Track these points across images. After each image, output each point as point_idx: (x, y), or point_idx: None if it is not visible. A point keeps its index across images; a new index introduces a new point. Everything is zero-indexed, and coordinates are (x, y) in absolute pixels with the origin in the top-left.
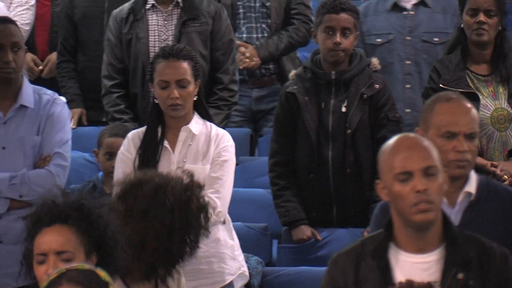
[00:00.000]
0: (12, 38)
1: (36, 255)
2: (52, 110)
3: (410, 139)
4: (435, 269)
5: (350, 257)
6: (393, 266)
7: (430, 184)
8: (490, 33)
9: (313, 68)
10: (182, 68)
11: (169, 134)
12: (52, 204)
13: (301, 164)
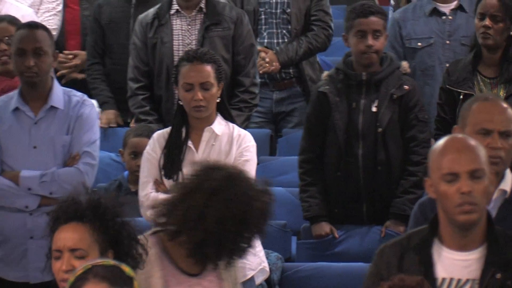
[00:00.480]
0: (35, 43)
1: (53, 251)
2: (81, 111)
3: (460, 141)
4: (475, 267)
5: (395, 249)
6: (435, 261)
7: (475, 186)
8: (496, 37)
9: (345, 69)
10: (206, 71)
11: (193, 134)
12: (70, 202)
13: (329, 162)
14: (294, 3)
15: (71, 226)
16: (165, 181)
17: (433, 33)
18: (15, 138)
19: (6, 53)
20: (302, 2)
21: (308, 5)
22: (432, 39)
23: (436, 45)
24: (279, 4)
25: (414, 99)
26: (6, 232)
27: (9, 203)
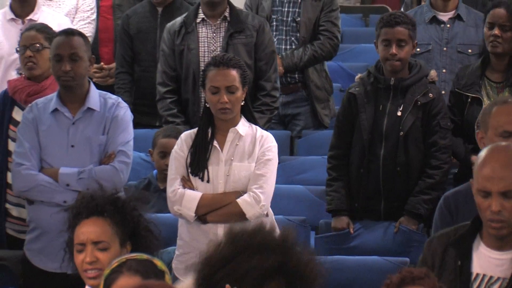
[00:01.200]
0: (70, 49)
1: (76, 244)
2: (117, 112)
3: (498, 157)
4: (507, 266)
5: (441, 241)
6: (473, 257)
7: (506, 205)
8: (504, 45)
9: (375, 73)
10: (231, 75)
11: (218, 135)
12: (90, 198)
13: (354, 160)
14: (305, 12)
15: (92, 220)
16: (191, 178)
17: (432, 40)
18: (54, 137)
19: (32, 59)
20: (312, 12)
21: (318, 15)
22: (430, 45)
23: (434, 51)
24: (291, 12)
25: (438, 107)
26: (45, 225)
27: (48, 198)
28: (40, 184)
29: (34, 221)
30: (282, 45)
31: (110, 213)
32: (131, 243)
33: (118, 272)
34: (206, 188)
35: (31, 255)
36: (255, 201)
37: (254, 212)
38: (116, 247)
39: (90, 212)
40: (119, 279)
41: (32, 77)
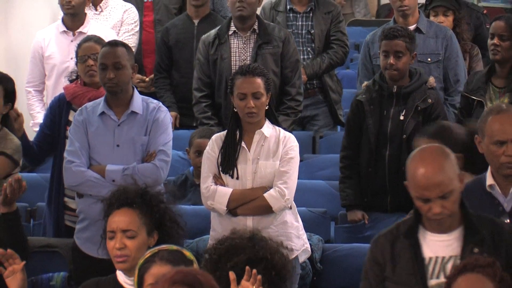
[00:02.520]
0: (114, 59)
1: (108, 232)
2: (157, 116)
3: (430, 164)
4: (456, 245)
5: (387, 237)
6: (421, 244)
7: (445, 204)
8: (503, 53)
9: (380, 82)
10: (257, 83)
11: (246, 136)
12: (122, 191)
13: (363, 159)
14: (317, 25)
15: (123, 211)
16: (222, 176)
17: None
18: (101, 138)
19: (93, 68)
20: (323, 24)
21: (328, 27)
22: None
23: None
24: (304, 26)
25: (437, 111)
26: (93, 216)
27: (96, 192)
28: (88, 180)
29: (83, 212)
30: (300, 55)
31: (139, 205)
32: (158, 233)
33: (151, 261)
34: (236, 185)
35: (80, 243)
36: (280, 195)
37: (280, 205)
38: (143, 236)
39: (121, 204)
40: (152, 267)
41: (93, 83)
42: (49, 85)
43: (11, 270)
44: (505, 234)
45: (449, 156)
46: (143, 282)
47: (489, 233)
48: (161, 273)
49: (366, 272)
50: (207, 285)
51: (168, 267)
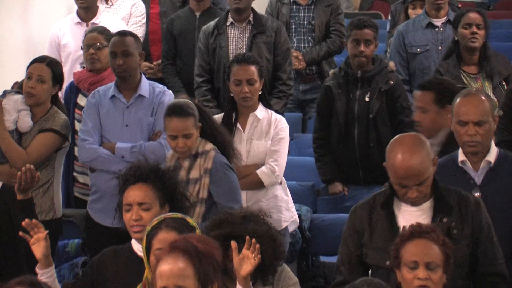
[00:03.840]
0: (123, 47)
1: (124, 205)
2: (163, 99)
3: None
4: (427, 215)
5: (364, 208)
6: (396, 214)
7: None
8: (480, 41)
9: (345, 68)
10: (251, 70)
11: (241, 118)
12: (137, 168)
13: (334, 139)
14: (318, 17)
15: (138, 186)
16: None
17: (429, 41)
18: (112, 118)
19: (94, 56)
20: (323, 16)
21: (328, 18)
22: (428, 46)
23: (432, 50)
24: (306, 17)
25: (398, 91)
26: (103, 189)
27: (107, 167)
28: (100, 156)
29: (95, 185)
30: (301, 44)
31: (152, 180)
32: (169, 205)
33: (158, 228)
34: None
35: (92, 213)
36: (271, 172)
37: (270, 180)
38: (156, 208)
39: (136, 179)
40: (159, 234)
41: (94, 69)
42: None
43: (36, 238)
44: (471, 205)
45: (425, 144)
46: (151, 247)
47: (457, 204)
48: (167, 238)
49: (345, 239)
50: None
51: (173, 233)
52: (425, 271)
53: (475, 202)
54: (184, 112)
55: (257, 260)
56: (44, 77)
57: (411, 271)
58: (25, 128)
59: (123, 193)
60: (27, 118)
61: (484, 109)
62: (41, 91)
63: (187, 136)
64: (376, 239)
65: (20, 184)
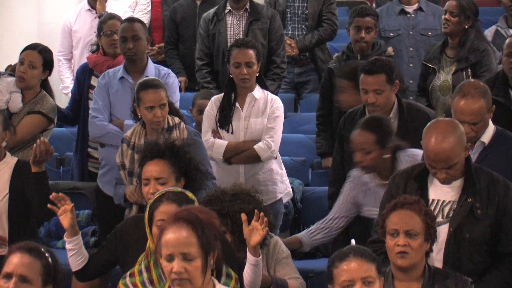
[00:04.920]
0: (132, 32)
1: (143, 179)
2: (167, 80)
3: (436, 149)
4: (455, 192)
5: (403, 176)
6: (428, 187)
7: (450, 172)
8: (452, 27)
9: (347, 52)
10: (249, 54)
11: (239, 98)
12: (154, 145)
13: (335, 117)
14: (311, 6)
15: (155, 162)
16: (219, 131)
17: (401, 27)
18: (121, 98)
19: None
20: (316, 6)
21: (321, 8)
22: (400, 31)
23: (403, 35)
24: (301, 6)
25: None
26: (113, 163)
27: (115, 142)
28: (109, 132)
29: (104, 159)
30: (295, 32)
31: (168, 156)
32: (184, 179)
33: (159, 201)
34: (230, 138)
35: (101, 185)
36: (267, 147)
37: (267, 155)
38: (172, 182)
39: (153, 155)
40: (160, 206)
41: (113, 54)
42: (76, 54)
43: (63, 209)
44: (500, 188)
45: (459, 130)
46: (153, 219)
47: (486, 185)
48: (168, 211)
49: (383, 202)
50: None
51: (173, 206)
52: (404, 238)
53: (505, 185)
54: (157, 85)
55: (266, 231)
56: (35, 63)
57: (393, 238)
58: (15, 109)
59: (142, 168)
60: (18, 100)
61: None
62: (31, 76)
63: (162, 106)
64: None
65: (35, 156)
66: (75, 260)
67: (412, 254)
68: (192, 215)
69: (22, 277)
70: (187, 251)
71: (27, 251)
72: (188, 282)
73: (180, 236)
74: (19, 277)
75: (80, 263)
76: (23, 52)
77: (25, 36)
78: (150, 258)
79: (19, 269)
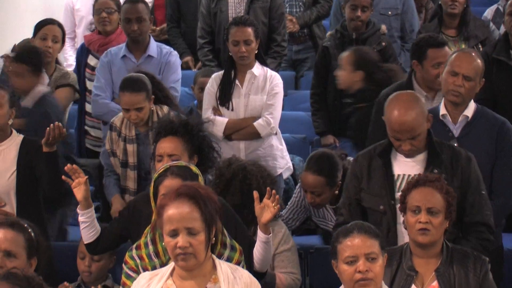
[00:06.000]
0: (137, 14)
1: (156, 155)
2: (169, 59)
3: (399, 120)
4: (420, 166)
5: (365, 156)
6: (393, 163)
7: (414, 142)
8: (459, 7)
9: (341, 30)
10: (247, 31)
11: (239, 75)
12: (167, 121)
13: (330, 95)
14: None
15: (169, 139)
16: (220, 108)
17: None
18: (123, 76)
19: (106, 19)
20: None
21: None
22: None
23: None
24: None
25: (389, 52)
26: None
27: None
28: (111, 110)
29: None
30: (292, 9)
31: (182, 134)
32: (197, 156)
33: (164, 175)
34: (231, 115)
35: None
36: (266, 124)
37: (266, 132)
38: (185, 159)
39: (167, 133)
40: (165, 180)
41: (104, 32)
42: (79, 33)
43: (77, 182)
44: (462, 159)
45: (420, 101)
46: (158, 192)
47: (449, 158)
48: (172, 185)
49: (347, 184)
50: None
51: (178, 180)
52: (426, 215)
53: (466, 157)
54: (136, 87)
55: (277, 209)
56: (57, 37)
57: (414, 215)
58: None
59: (156, 144)
60: (44, 77)
61: (476, 68)
62: (56, 50)
63: (138, 109)
64: (373, 185)
65: (48, 138)
66: (88, 232)
67: (433, 231)
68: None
69: (7, 252)
70: (192, 225)
71: (9, 226)
72: (192, 257)
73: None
74: (4, 252)
75: (92, 236)
76: (43, 27)
77: (31, 13)
78: (155, 231)
79: (3, 244)
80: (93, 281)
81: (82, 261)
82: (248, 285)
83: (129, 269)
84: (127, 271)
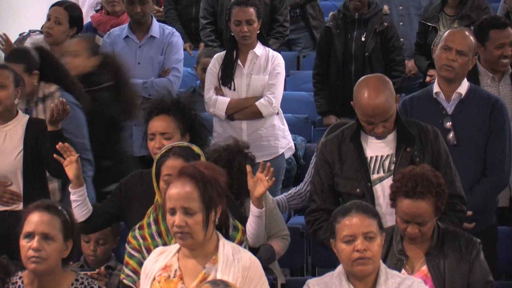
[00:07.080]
0: None
1: (149, 134)
2: (171, 39)
3: (371, 104)
4: (391, 146)
5: (334, 141)
6: (364, 146)
7: (386, 124)
8: None
9: (343, 11)
10: (249, 11)
11: (241, 55)
12: (159, 100)
13: (332, 75)
14: None
15: (161, 117)
16: (222, 88)
17: None
18: (125, 57)
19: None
20: None
21: None
22: None
23: None
24: None
25: (391, 32)
26: None
27: None
28: None
29: None
30: None
31: (174, 112)
32: (189, 134)
33: (166, 156)
34: (233, 95)
35: None
36: (268, 103)
37: (268, 111)
38: (177, 137)
39: (159, 111)
40: (167, 161)
41: (114, 12)
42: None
43: (69, 160)
44: (430, 134)
45: (389, 84)
46: (160, 173)
47: (417, 134)
48: (174, 165)
49: (318, 170)
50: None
51: (180, 161)
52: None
53: (434, 132)
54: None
55: (271, 183)
56: (60, 19)
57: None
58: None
59: (148, 123)
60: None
61: (469, 44)
62: (58, 31)
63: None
64: (346, 169)
65: (52, 116)
66: (79, 211)
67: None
68: (196, 171)
69: (44, 235)
70: (188, 205)
71: (45, 209)
72: (189, 236)
73: (182, 191)
74: (41, 235)
75: (84, 215)
76: (50, 8)
77: None
78: (158, 211)
79: (40, 227)
80: (98, 263)
81: (87, 244)
82: (246, 269)
83: (132, 249)
84: (130, 251)
